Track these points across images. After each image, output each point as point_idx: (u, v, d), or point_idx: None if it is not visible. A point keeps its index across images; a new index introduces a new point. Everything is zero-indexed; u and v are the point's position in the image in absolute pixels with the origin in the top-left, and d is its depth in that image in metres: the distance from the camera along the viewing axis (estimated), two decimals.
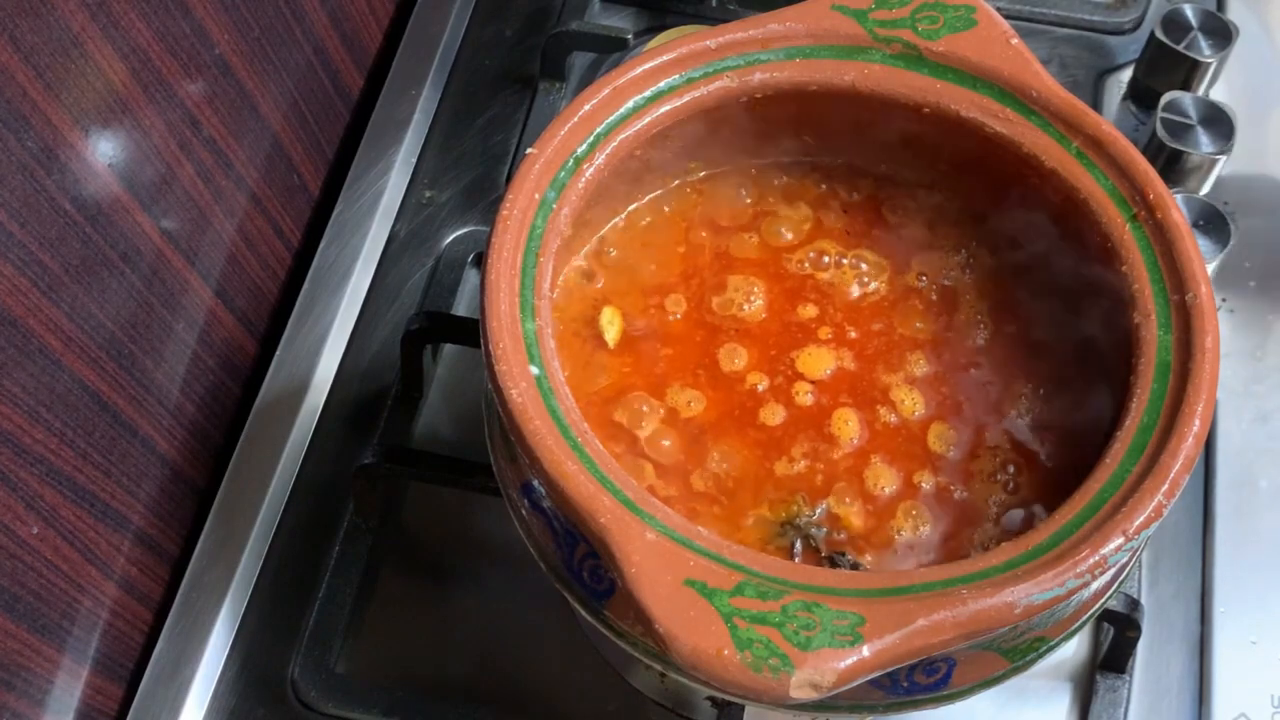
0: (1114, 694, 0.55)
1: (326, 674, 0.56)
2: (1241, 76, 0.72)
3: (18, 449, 0.47)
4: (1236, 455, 0.61)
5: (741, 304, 0.50)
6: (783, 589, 0.37)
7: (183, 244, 0.57)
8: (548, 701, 0.56)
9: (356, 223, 0.68)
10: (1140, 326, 0.43)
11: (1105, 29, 0.74)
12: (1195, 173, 0.66)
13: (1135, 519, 0.39)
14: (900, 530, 0.45)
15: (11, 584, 0.48)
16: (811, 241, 0.52)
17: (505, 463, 0.46)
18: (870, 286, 0.51)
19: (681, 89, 0.49)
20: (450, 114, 0.72)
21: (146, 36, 0.51)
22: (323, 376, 0.63)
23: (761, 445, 0.47)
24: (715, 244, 0.52)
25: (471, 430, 0.55)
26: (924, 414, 0.48)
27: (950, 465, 0.47)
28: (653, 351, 0.49)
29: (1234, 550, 0.58)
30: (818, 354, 0.49)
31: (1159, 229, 0.45)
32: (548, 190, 0.46)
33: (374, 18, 0.74)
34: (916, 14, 0.49)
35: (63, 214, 0.48)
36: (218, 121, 0.58)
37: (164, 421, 0.57)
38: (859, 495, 0.46)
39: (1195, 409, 0.41)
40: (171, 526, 0.59)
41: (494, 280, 0.43)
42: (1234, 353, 0.64)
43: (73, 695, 0.54)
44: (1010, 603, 0.37)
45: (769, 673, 0.36)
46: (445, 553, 0.61)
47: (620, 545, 0.38)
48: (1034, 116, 0.47)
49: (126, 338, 0.53)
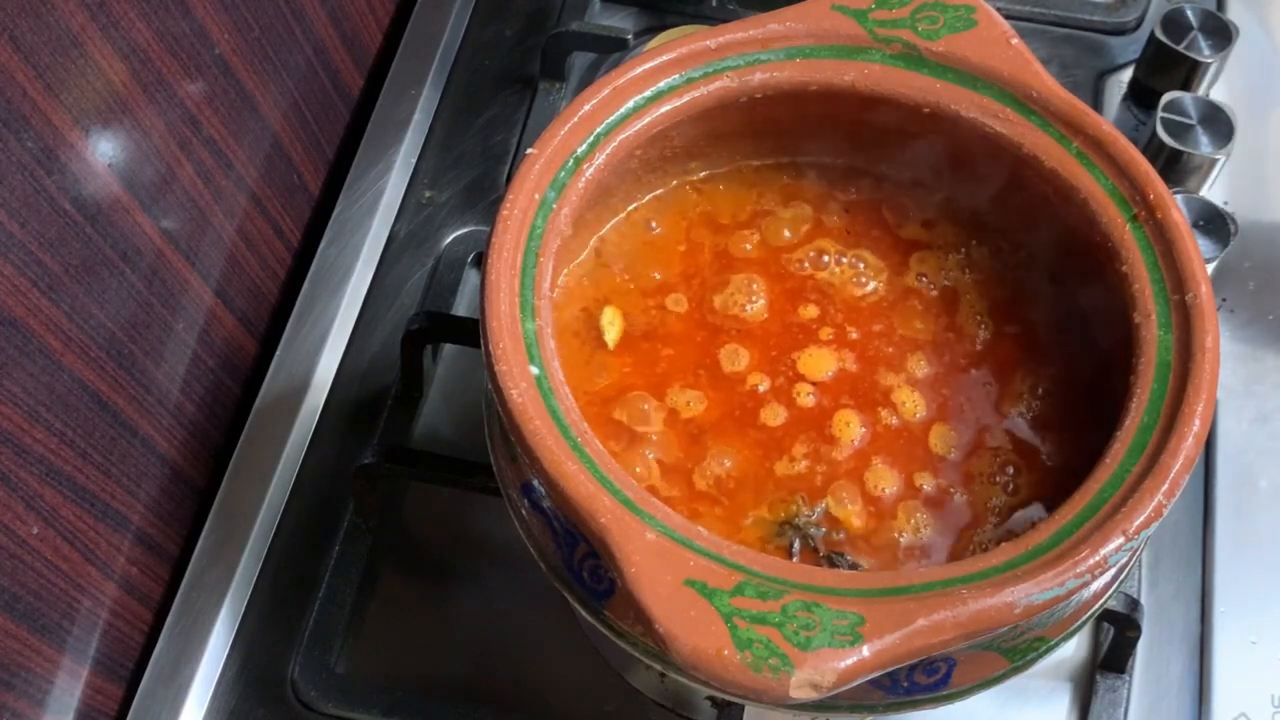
0: (1114, 694, 0.55)
1: (326, 674, 0.56)
2: (1241, 76, 0.72)
3: (18, 449, 0.47)
4: (1236, 455, 0.61)
5: (743, 304, 0.50)
6: (783, 589, 0.37)
7: (183, 244, 0.57)
8: (548, 701, 0.56)
9: (356, 223, 0.68)
10: (1140, 326, 0.43)
11: (1105, 29, 0.74)
12: (1195, 173, 0.66)
13: (1135, 519, 0.39)
14: (901, 531, 0.45)
15: (11, 584, 0.48)
16: (811, 241, 0.52)
17: (505, 463, 0.46)
18: (870, 287, 0.51)
19: (681, 89, 0.49)
20: (450, 114, 0.72)
21: (146, 36, 0.51)
22: (323, 376, 0.63)
23: (762, 446, 0.47)
24: (715, 244, 0.52)
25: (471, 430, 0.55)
26: (925, 415, 0.48)
27: (951, 466, 0.47)
28: (653, 352, 0.49)
29: (1234, 550, 0.58)
30: (819, 355, 0.49)
31: (1159, 229, 0.45)
32: (548, 190, 0.46)
33: (374, 18, 0.74)
34: (916, 14, 0.49)
35: (63, 214, 0.48)
36: (218, 121, 0.58)
37: (164, 421, 0.57)
38: (859, 496, 0.46)
39: (1195, 409, 0.41)
40: (171, 526, 0.59)
41: (494, 280, 0.43)
42: (1234, 353, 0.64)
43: (73, 695, 0.54)
44: (1010, 603, 0.37)
45: (769, 673, 0.36)
46: (445, 553, 0.61)
47: (620, 545, 0.38)
48: (1034, 116, 0.47)
49: (126, 338, 0.53)
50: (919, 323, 0.50)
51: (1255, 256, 0.66)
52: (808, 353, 0.49)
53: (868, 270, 0.51)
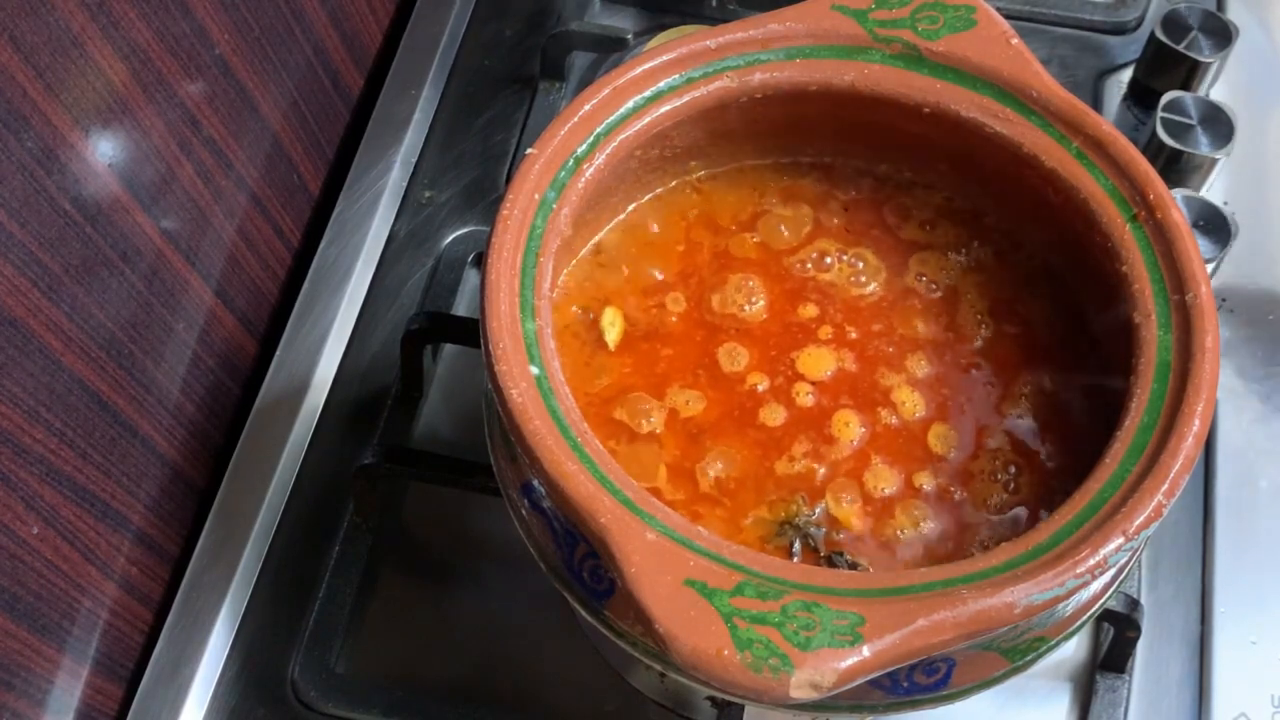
0: (1114, 694, 0.55)
1: (326, 674, 0.56)
2: (1241, 76, 0.72)
3: (18, 449, 0.47)
4: (1236, 455, 0.61)
5: (742, 304, 0.50)
6: (783, 589, 0.37)
7: (183, 244, 0.57)
8: (548, 701, 0.56)
9: (356, 223, 0.68)
10: (1140, 326, 0.43)
11: (1105, 29, 0.74)
12: (1195, 173, 0.66)
13: (1135, 519, 0.39)
14: (901, 530, 0.45)
15: (11, 584, 0.48)
16: (811, 241, 0.52)
17: (505, 463, 0.46)
18: (870, 287, 0.51)
19: (681, 89, 0.49)
20: (450, 114, 0.72)
21: (146, 36, 0.51)
22: (323, 376, 0.63)
23: (761, 445, 0.47)
24: (715, 244, 0.52)
25: (471, 430, 0.55)
26: (924, 415, 0.48)
27: (950, 466, 0.47)
28: (653, 351, 0.49)
29: (1234, 550, 0.58)
30: (818, 354, 0.49)
31: (1159, 229, 0.45)
32: (548, 190, 0.46)
33: (374, 18, 0.74)
34: (916, 14, 0.49)
35: (63, 214, 0.48)
36: (218, 121, 0.58)
37: (164, 421, 0.57)
38: (859, 496, 0.46)
39: (1195, 409, 0.41)
40: (171, 526, 0.59)
41: (494, 280, 0.43)
42: (1234, 353, 0.64)
43: (73, 695, 0.54)
44: (1010, 603, 0.37)
45: (769, 673, 0.36)
46: (445, 553, 0.61)
47: (620, 545, 0.38)
48: (1034, 116, 0.47)
49: (126, 338, 0.53)
50: (918, 323, 0.50)
51: (1255, 256, 0.66)
52: (807, 352, 0.49)
53: (867, 270, 0.51)
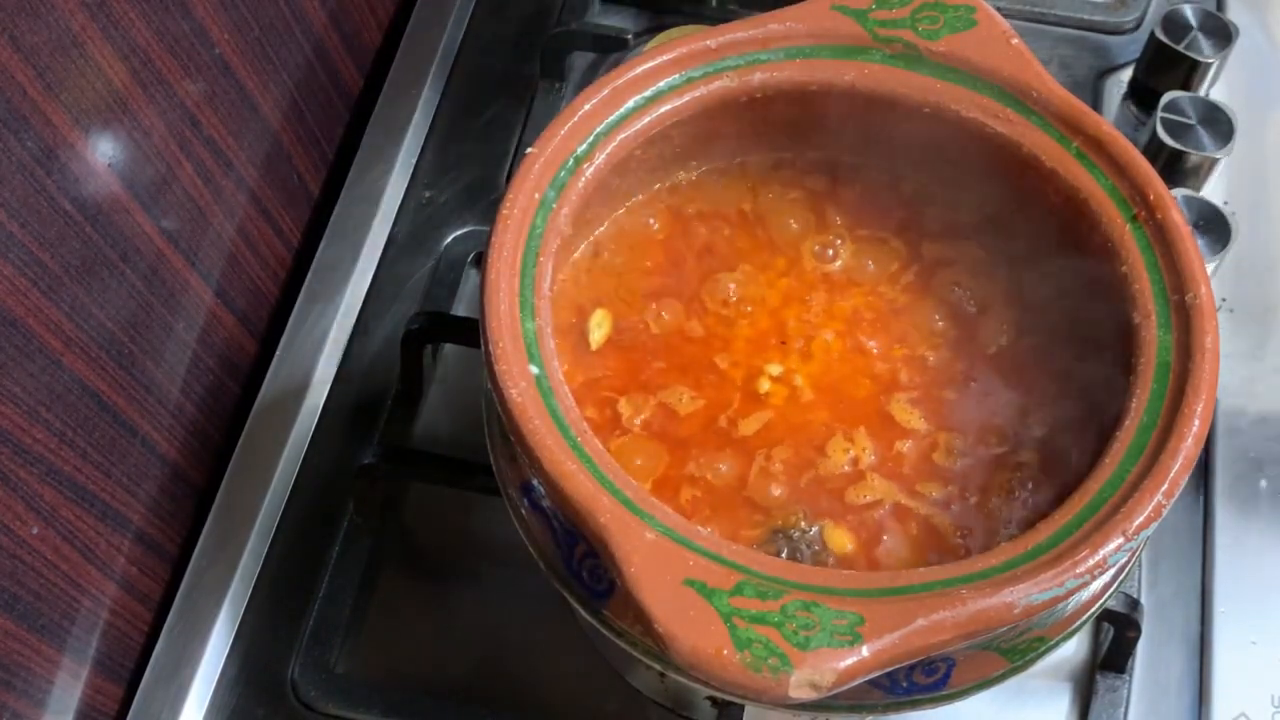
0: (1114, 694, 0.55)
1: (326, 674, 0.56)
2: (1241, 76, 0.72)
3: (18, 449, 0.47)
4: (1236, 455, 0.61)
5: (741, 304, 0.50)
6: (782, 589, 0.37)
7: (183, 244, 0.57)
8: (548, 701, 0.56)
9: (356, 223, 0.68)
10: (1140, 326, 0.43)
11: (1105, 29, 0.74)
12: (1195, 173, 0.66)
13: (1135, 519, 0.39)
14: (903, 533, 0.45)
15: (11, 584, 0.48)
16: (810, 241, 0.52)
17: (505, 463, 0.46)
18: (869, 288, 0.51)
19: (681, 89, 0.49)
20: (450, 114, 0.72)
21: (146, 36, 0.51)
22: (323, 376, 0.63)
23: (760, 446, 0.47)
24: (714, 243, 0.52)
25: (471, 430, 0.55)
26: (923, 419, 0.48)
27: (951, 472, 0.47)
28: (646, 351, 0.49)
29: (1234, 550, 0.58)
30: (818, 355, 0.49)
31: (1159, 229, 0.45)
32: (548, 190, 0.46)
33: (374, 18, 0.74)
34: (917, 14, 0.49)
35: (63, 214, 0.48)
36: (218, 121, 0.58)
37: (164, 421, 0.57)
38: (858, 501, 0.46)
39: (1195, 409, 0.41)
40: (171, 526, 0.59)
41: (494, 280, 0.43)
42: (1234, 353, 0.64)
43: (73, 695, 0.54)
44: (1010, 603, 0.37)
45: (768, 673, 0.36)
46: (445, 553, 0.61)
47: (620, 545, 0.38)
48: (1034, 117, 0.47)
49: (126, 338, 0.53)
50: (917, 323, 0.50)
51: (1255, 256, 0.66)
52: (806, 354, 0.49)
53: (867, 271, 0.51)
